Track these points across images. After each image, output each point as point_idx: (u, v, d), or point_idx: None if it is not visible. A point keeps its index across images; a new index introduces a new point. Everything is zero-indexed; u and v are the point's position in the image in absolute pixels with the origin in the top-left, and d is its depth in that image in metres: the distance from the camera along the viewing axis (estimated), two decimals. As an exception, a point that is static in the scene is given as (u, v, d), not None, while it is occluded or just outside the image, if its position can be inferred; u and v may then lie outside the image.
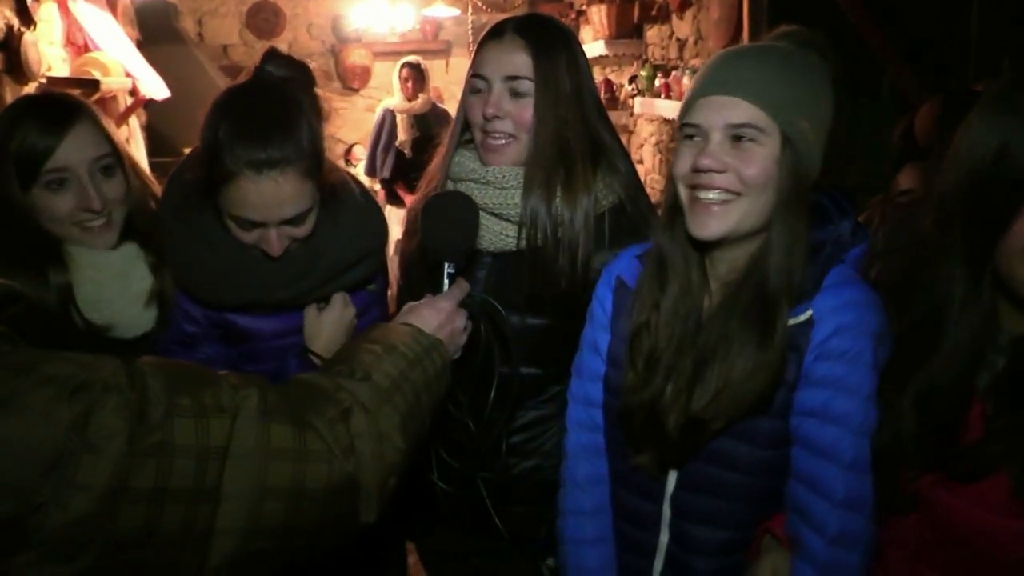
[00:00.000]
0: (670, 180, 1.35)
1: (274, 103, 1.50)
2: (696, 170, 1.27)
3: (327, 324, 1.64)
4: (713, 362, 1.27)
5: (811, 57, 1.30)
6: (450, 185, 1.73)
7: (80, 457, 0.83)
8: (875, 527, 1.24)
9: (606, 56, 5.92)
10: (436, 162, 1.80)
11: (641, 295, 1.40)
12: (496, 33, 1.66)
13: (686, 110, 1.32)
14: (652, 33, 5.53)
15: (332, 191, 1.63)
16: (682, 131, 1.33)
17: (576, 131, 1.62)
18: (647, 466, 1.39)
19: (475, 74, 1.66)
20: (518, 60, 1.61)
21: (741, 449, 1.31)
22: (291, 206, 1.50)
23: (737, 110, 1.25)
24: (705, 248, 1.34)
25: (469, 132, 1.71)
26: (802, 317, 1.26)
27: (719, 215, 1.28)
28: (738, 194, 1.26)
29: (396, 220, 5.82)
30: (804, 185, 1.27)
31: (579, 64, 1.65)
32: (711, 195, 1.27)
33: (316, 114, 1.55)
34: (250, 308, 1.63)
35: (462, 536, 1.80)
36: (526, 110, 1.61)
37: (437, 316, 1.33)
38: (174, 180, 1.65)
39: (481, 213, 1.60)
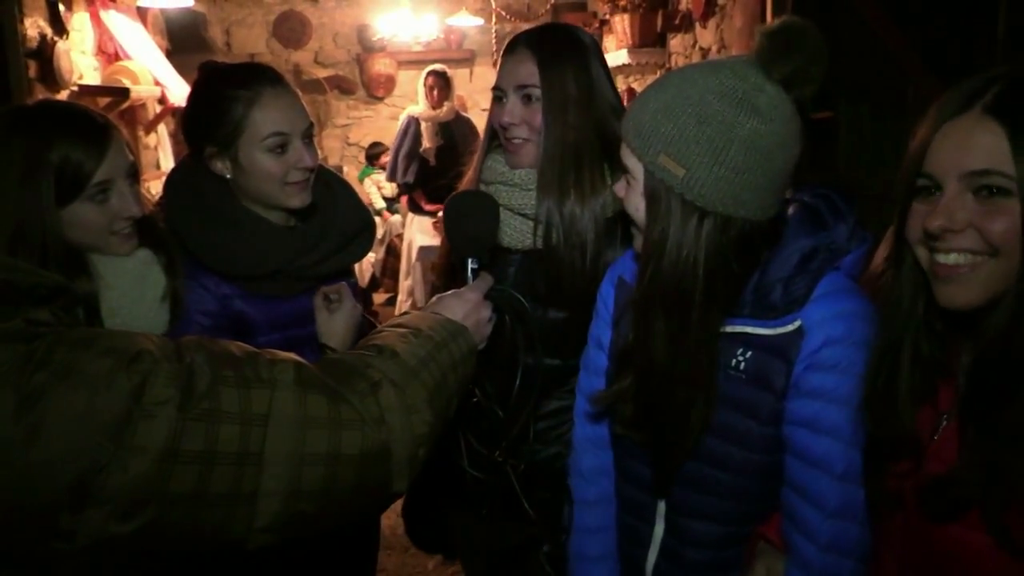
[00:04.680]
0: None
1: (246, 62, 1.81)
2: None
3: (340, 321, 1.74)
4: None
5: (716, 74, 1.25)
6: (482, 188, 1.84)
7: (137, 422, 0.89)
8: (870, 532, 1.23)
9: (629, 65, 5.93)
10: (471, 167, 1.94)
11: (628, 313, 1.45)
12: (509, 48, 1.79)
13: None
14: (675, 42, 5.53)
15: (319, 170, 1.80)
16: None
17: (584, 134, 1.71)
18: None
19: (495, 86, 1.80)
20: (526, 70, 1.72)
21: (732, 451, 1.32)
22: (305, 114, 1.72)
23: (624, 150, 1.32)
24: None
25: (498, 138, 1.84)
26: (791, 327, 1.26)
27: (634, 239, 1.37)
28: (635, 224, 1.34)
29: (419, 228, 5.86)
30: (668, 212, 1.27)
31: (590, 71, 1.74)
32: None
33: None
34: (270, 282, 1.72)
35: (490, 521, 1.87)
36: (537, 115, 1.72)
37: (463, 306, 1.39)
38: (180, 169, 1.80)
39: (509, 213, 1.75)
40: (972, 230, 1.02)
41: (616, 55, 5.85)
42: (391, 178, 6.19)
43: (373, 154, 8.15)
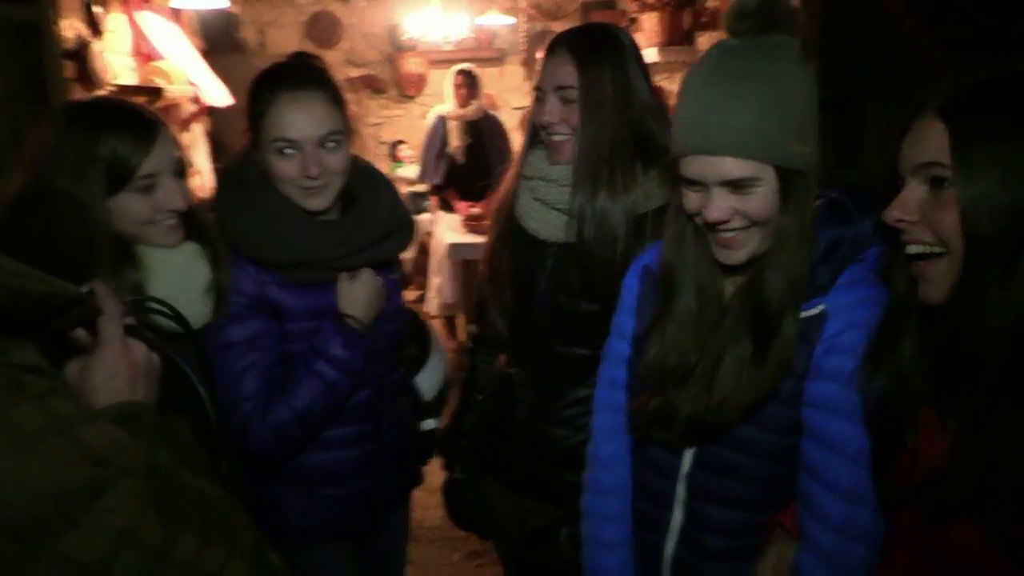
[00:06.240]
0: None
1: (297, 61, 1.88)
2: (707, 221, 1.33)
3: (360, 289, 1.81)
4: (717, 370, 1.33)
5: (775, 52, 1.30)
6: (523, 183, 1.93)
7: (74, 527, 0.77)
8: (882, 522, 1.24)
9: (657, 63, 5.91)
10: (513, 163, 2.03)
11: (651, 302, 1.48)
12: (550, 48, 1.87)
13: (679, 158, 1.34)
14: (703, 40, 5.52)
15: (365, 167, 1.91)
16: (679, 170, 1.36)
17: (618, 134, 1.78)
18: (663, 441, 1.43)
19: (536, 86, 1.89)
20: (565, 72, 1.81)
21: (753, 433, 1.35)
22: (323, 123, 1.75)
23: (726, 166, 1.28)
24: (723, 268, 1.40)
25: (539, 135, 1.93)
26: (814, 311, 1.31)
27: (739, 246, 1.33)
28: (751, 225, 1.31)
29: (448, 226, 5.89)
30: (805, 192, 1.31)
31: (627, 72, 1.82)
32: (727, 234, 1.33)
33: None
34: (300, 270, 1.79)
35: (523, 500, 1.97)
36: (575, 114, 1.80)
37: (113, 380, 1.01)
38: (232, 160, 1.90)
39: (546, 207, 1.86)
40: (926, 223, 1.10)
41: (644, 53, 5.83)
42: (423, 179, 6.23)
43: (393, 152, 8.44)
